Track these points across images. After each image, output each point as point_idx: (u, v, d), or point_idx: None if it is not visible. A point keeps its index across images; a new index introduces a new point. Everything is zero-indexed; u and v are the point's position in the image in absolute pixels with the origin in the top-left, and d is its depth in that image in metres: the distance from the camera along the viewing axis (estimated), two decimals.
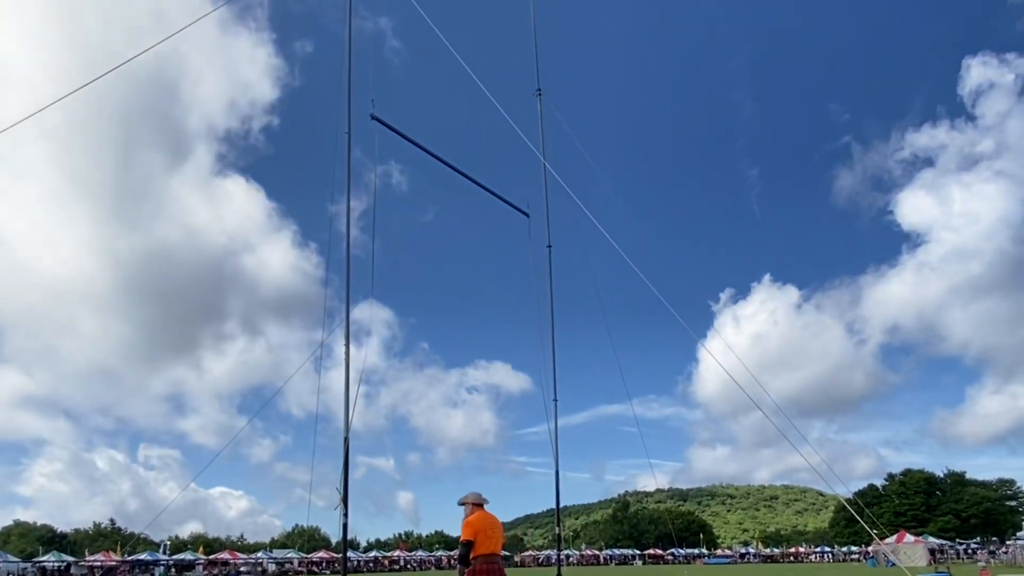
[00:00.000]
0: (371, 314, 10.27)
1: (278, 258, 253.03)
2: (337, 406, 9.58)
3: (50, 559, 64.84)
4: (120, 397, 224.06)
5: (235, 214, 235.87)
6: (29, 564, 62.84)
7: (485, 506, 8.14)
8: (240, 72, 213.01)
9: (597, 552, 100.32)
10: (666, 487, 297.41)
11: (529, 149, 13.30)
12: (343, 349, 9.50)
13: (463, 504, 8.14)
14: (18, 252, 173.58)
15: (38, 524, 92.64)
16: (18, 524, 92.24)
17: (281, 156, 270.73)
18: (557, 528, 13.35)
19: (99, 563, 63.28)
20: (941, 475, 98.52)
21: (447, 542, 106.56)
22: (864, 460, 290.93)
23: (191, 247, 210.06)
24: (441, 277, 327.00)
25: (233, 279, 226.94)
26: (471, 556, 7.72)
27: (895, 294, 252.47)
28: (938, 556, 59.47)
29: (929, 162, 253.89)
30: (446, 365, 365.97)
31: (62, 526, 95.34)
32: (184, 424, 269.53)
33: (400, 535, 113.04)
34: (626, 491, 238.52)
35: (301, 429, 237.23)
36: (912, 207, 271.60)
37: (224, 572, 67.65)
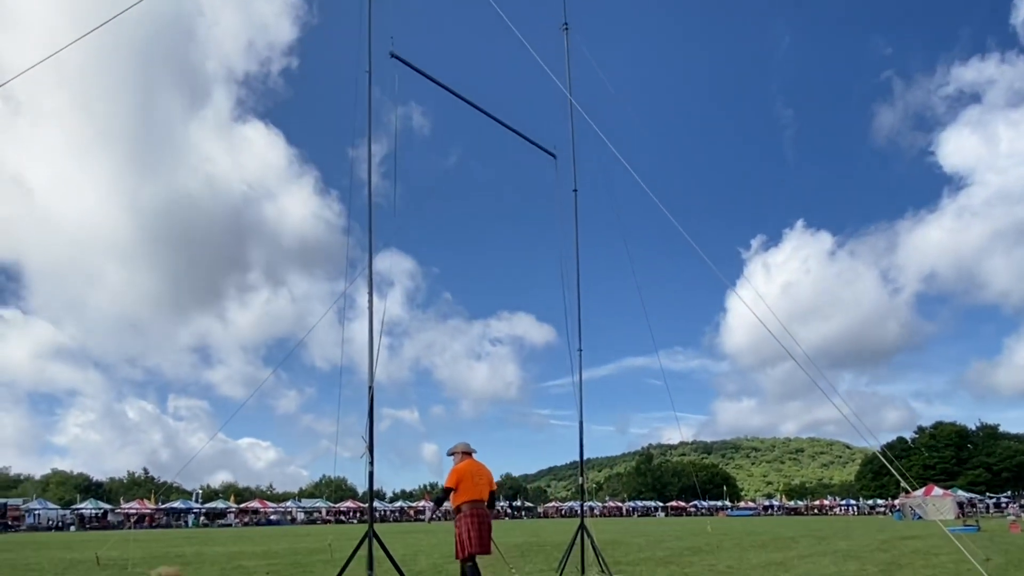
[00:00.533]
0: (391, 264, 9.77)
1: (300, 206, 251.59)
2: (360, 358, 9.29)
3: (87, 506, 66.53)
4: (148, 348, 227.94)
5: (255, 161, 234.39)
6: (68, 511, 64.56)
7: (474, 455, 8.35)
8: (257, 11, 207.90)
9: (620, 504, 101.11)
10: (690, 440, 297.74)
11: (554, 89, 12.44)
12: (365, 299, 9.06)
13: (452, 454, 8.35)
14: (42, 202, 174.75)
15: (75, 473, 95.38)
16: (56, 473, 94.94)
17: (301, 99, 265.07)
18: (580, 479, 12.78)
19: (134, 510, 64.84)
20: (973, 428, 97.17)
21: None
22: (894, 413, 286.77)
23: (212, 196, 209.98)
24: (464, 224, 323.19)
25: (255, 228, 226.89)
26: (459, 502, 7.90)
27: (933, 240, 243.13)
28: (967, 509, 58.77)
29: (976, 98, 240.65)
30: (469, 316, 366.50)
31: (97, 475, 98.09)
32: (211, 375, 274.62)
33: (425, 486, 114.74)
34: (650, 444, 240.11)
35: (325, 381, 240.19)
36: (955, 147, 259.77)
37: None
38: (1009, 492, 79.44)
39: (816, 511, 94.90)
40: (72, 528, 59.16)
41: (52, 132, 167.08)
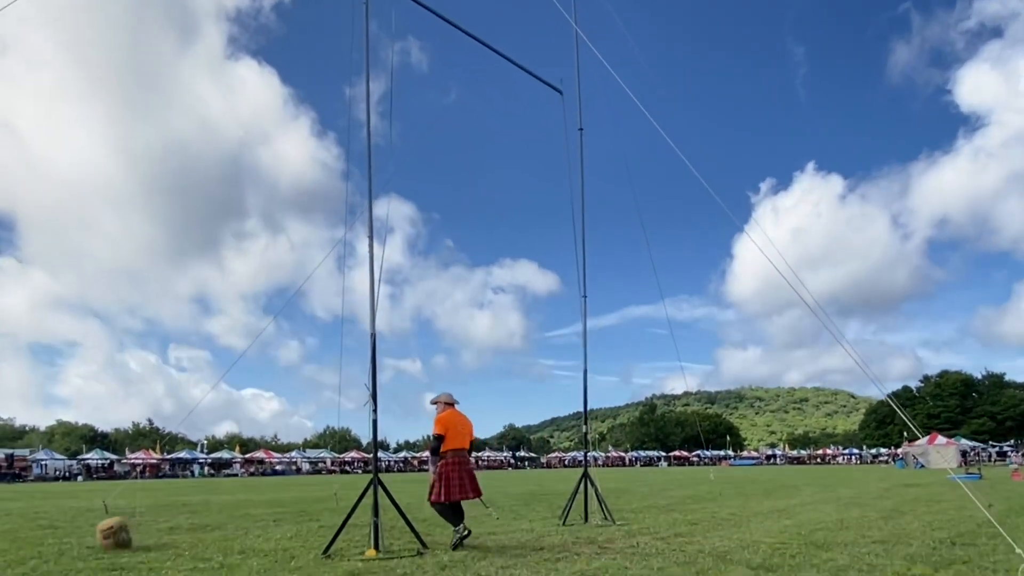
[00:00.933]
0: (391, 209, 9.31)
1: (296, 149, 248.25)
2: (361, 307, 9.32)
3: (94, 456, 67.18)
4: (147, 298, 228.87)
5: (249, 102, 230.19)
6: (75, 461, 65.15)
7: (456, 406, 8.70)
8: None
9: (623, 454, 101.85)
10: (694, 390, 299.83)
11: (560, 20, 11.67)
12: (365, 246, 8.91)
13: (435, 403, 8.66)
14: (33, 148, 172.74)
15: (80, 424, 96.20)
16: (61, 424, 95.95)
17: (295, 35, 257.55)
18: (584, 428, 12.43)
19: (140, 460, 65.35)
20: (979, 377, 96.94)
21: (474, 444, 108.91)
22: (901, 362, 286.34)
23: (207, 139, 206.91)
24: (465, 167, 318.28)
25: (251, 173, 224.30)
26: (444, 449, 8.25)
27: (947, 183, 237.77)
28: (970, 458, 58.64)
29: (997, 32, 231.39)
30: (471, 263, 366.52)
31: (102, 426, 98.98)
32: (211, 325, 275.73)
33: (428, 437, 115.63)
34: (653, 394, 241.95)
35: (327, 331, 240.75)
36: (973, 85, 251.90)
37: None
38: (1012, 441, 79.49)
39: (819, 460, 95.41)
40: (79, 478, 59.73)
41: (40, 74, 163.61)
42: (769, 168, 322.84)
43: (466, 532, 8.05)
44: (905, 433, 69.35)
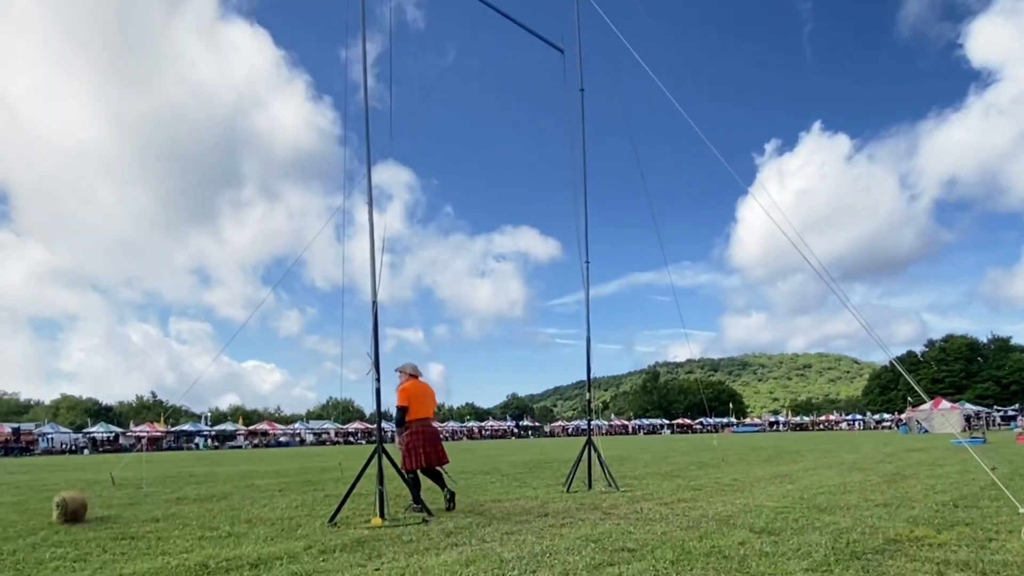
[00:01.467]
0: (388, 175, 9.07)
1: (291, 114, 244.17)
2: (361, 277, 9.32)
3: (99, 430, 67.71)
4: (145, 270, 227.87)
5: (242, 65, 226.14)
6: (80, 435, 65.70)
7: (420, 377, 8.86)
8: None
9: (626, 422, 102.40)
10: (698, 357, 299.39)
11: None
12: (363, 214, 8.73)
13: (400, 372, 8.86)
14: (25, 117, 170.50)
15: (84, 398, 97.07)
16: (65, 398, 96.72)
17: None
18: (588, 395, 12.41)
19: (145, 433, 65.85)
20: (985, 341, 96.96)
21: (477, 413, 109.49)
22: (906, 326, 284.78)
23: (200, 105, 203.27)
24: (463, 130, 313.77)
25: (246, 140, 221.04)
26: (410, 419, 8.48)
27: (957, 142, 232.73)
28: (973, 422, 58.88)
29: None
30: (472, 231, 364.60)
31: (106, 399, 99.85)
32: (211, 296, 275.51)
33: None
34: (656, 362, 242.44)
35: (327, 301, 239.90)
36: (985, 39, 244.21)
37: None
38: (1017, 405, 79.66)
39: (822, 426, 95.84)
40: (85, 451, 60.25)
41: (29, 40, 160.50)
42: (774, 129, 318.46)
43: (424, 512, 7.93)
44: (908, 398, 69.59)
